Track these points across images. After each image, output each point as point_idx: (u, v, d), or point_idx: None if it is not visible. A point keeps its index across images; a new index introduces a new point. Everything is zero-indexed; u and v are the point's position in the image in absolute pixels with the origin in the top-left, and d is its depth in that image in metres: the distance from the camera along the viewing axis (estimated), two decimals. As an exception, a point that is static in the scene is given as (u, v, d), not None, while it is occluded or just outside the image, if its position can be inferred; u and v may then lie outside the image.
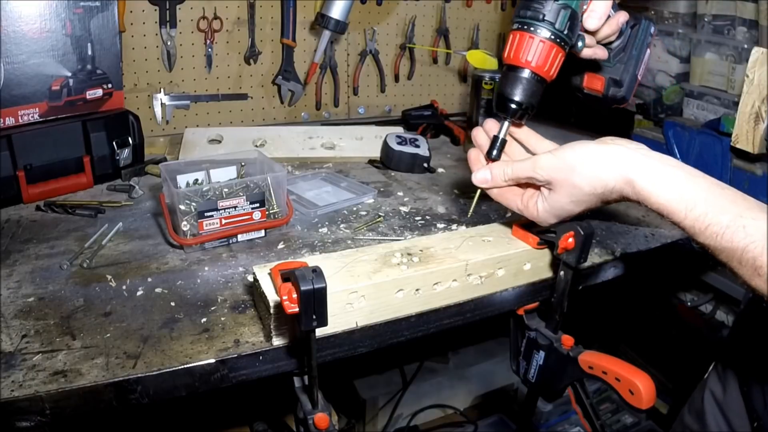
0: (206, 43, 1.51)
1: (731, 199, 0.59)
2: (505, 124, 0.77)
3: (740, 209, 0.57)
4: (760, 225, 0.55)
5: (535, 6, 0.72)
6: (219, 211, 0.90)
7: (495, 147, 0.77)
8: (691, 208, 0.59)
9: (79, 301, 0.76)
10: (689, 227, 0.60)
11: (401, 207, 1.11)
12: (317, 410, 0.65)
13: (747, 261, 0.56)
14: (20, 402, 0.59)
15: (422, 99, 1.83)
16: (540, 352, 0.84)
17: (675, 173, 0.62)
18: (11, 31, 1.07)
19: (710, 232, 0.58)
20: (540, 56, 0.72)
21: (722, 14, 1.34)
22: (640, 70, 0.88)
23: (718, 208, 0.58)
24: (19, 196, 1.07)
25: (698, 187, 0.60)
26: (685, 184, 0.61)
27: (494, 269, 0.80)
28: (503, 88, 0.76)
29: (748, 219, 0.56)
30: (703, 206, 0.58)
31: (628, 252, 0.96)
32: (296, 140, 1.41)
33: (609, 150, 0.66)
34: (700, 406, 0.95)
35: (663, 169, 0.62)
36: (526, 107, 0.75)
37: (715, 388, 0.92)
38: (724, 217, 0.57)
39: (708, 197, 0.59)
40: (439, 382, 1.79)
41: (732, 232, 0.56)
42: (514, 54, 0.74)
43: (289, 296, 0.58)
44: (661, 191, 0.61)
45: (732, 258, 0.57)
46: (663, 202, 0.61)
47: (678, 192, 0.60)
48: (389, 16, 1.72)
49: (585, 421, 1.72)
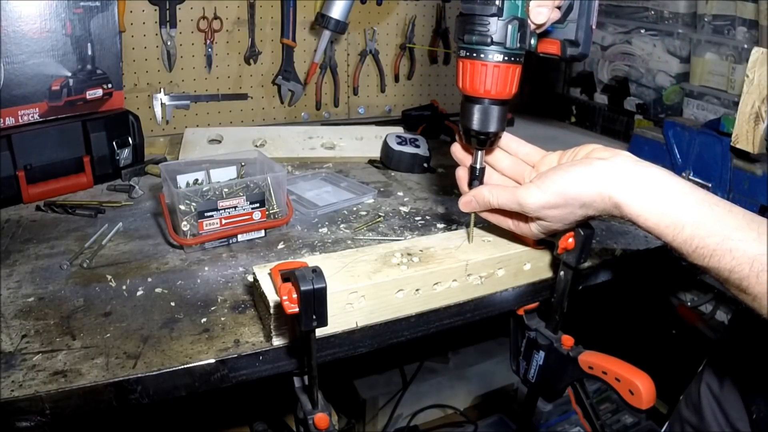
0: (206, 43, 1.51)
1: (719, 218, 0.58)
2: (479, 154, 0.76)
3: (728, 230, 0.57)
4: (746, 248, 0.56)
5: (479, 29, 0.66)
6: (219, 211, 0.90)
7: (475, 177, 0.77)
8: (679, 231, 0.59)
9: (79, 301, 0.76)
10: (677, 249, 0.60)
11: (401, 207, 1.11)
12: (317, 410, 0.65)
13: (733, 281, 0.57)
14: (20, 402, 0.59)
15: (422, 99, 1.83)
16: (540, 352, 0.84)
17: (661, 193, 0.61)
18: (11, 31, 1.07)
19: (697, 255, 0.58)
20: (498, 83, 0.68)
21: (722, 14, 1.35)
22: (593, 21, 0.81)
23: (705, 230, 0.58)
24: (19, 196, 1.07)
25: (685, 207, 0.59)
26: (672, 205, 0.60)
27: (494, 269, 0.80)
28: (468, 122, 0.73)
29: (735, 241, 0.56)
30: (690, 230, 0.58)
31: (628, 252, 0.96)
32: (296, 140, 1.41)
33: (594, 173, 0.64)
34: (697, 399, 0.96)
35: (649, 189, 0.61)
36: (495, 133, 0.73)
37: (712, 382, 0.93)
38: (710, 240, 0.57)
39: (695, 219, 0.59)
40: (439, 382, 1.79)
41: (719, 256, 0.57)
42: (470, 85, 0.70)
43: (289, 296, 0.58)
44: (648, 215, 0.61)
45: (719, 277, 0.58)
46: (651, 225, 0.61)
47: (665, 215, 0.60)
48: (389, 16, 1.72)
49: (585, 421, 1.72)
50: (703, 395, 0.94)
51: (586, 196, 0.64)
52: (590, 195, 0.64)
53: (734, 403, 0.88)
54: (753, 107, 1.01)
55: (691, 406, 0.98)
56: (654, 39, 1.52)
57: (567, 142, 1.64)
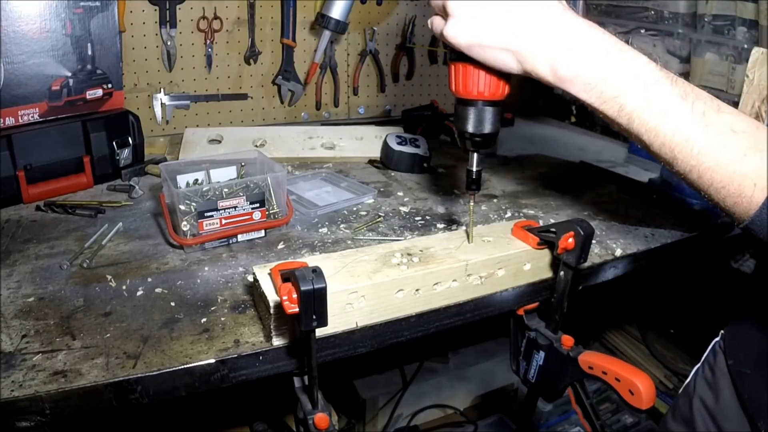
0: (206, 43, 1.51)
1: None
2: (474, 156, 0.76)
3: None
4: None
5: None
6: (219, 211, 0.90)
7: (472, 180, 0.77)
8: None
9: (79, 301, 0.76)
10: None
11: (401, 207, 1.11)
12: (317, 410, 0.65)
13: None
14: (20, 402, 0.59)
15: (422, 99, 1.83)
16: (540, 352, 0.84)
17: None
18: (11, 31, 1.07)
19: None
20: (490, 84, 0.69)
21: (722, 14, 1.35)
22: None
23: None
24: (19, 196, 1.07)
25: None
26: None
27: (494, 269, 0.80)
28: (463, 124, 0.73)
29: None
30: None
31: (628, 252, 0.96)
32: (296, 140, 1.41)
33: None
34: (687, 414, 0.92)
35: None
36: (491, 134, 0.73)
37: (705, 396, 0.90)
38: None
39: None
40: (439, 382, 1.79)
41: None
42: (463, 88, 0.70)
43: (289, 296, 0.58)
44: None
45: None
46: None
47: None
48: (389, 16, 1.72)
49: (585, 421, 1.72)
50: (695, 410, 0.90)
51: None
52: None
53: (733, 419, 0.84)
54: (753, 107, 1.01)
55: (680, 420, 0.94)
56: (654, 39, 1.52)
57: (567, 142, 1.64)
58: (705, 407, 0.89)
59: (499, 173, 1.32)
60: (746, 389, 0.82)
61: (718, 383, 0.88)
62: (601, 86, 0.62)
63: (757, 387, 0.79)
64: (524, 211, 1.10)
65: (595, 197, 1.19)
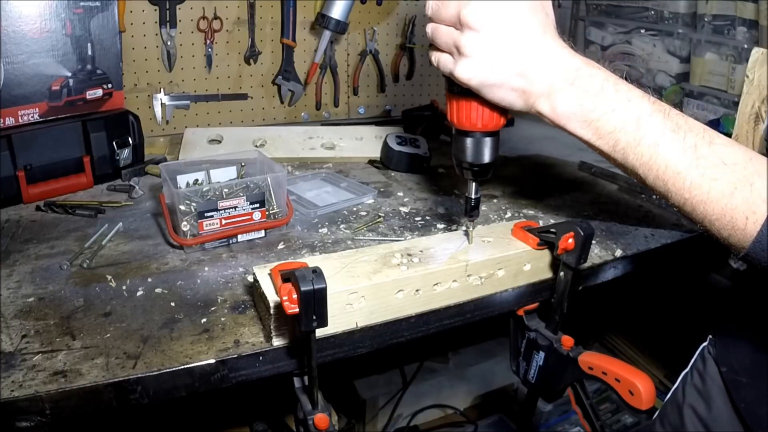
0: (206, 43, 1.51)
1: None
2: (473, 185, 0.77)
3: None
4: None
5: None
6: (219, 211, 0.90)
7: (472, 207, 0.78)
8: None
9: (79, 301, 0.76)
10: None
11: (401, 207, 1.11)
12: (317, 410, 0.65)
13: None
14: (20, 402, 0.59)
15: (422, 99, 1.83)
16: (540, 352, 0.84)
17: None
18: (11, 31, 1.07)
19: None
20: (492, 117, 0.70)
21: (722, 14, 1.35)
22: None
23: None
24: (19, 196, 1.07)
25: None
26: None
27: (494, 270, 0.80)
28: (462, 154, 0.73)
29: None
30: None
31: (628, 252, 0.96)
32: (296, 140, 1.41)
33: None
34: (678, 422, 0.91)
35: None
36: (489, 164, 0.74)
37: (697, 404, 0.89)
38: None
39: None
40: (439, 382, 1.79)
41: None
42: (464, 120, 0.71)
43: (289, 297, 0.58)
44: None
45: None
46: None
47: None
48: (389, 16, 1.72)
49: (585, 422, 1.72)
50: (687, 419, 0.89)
51: None
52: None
53: (726, 426, 0.83)
54: (753, 107, 1.01)
55: (670, 428, 0.93)
56: (654, 39, 1.52)
57: (567, 142, 1.64)
58: (697, 416, 0.88)
59: (499, 173, 1.32)
60: (742, 399, 0.81)
61: (709, 391, 0.87)
62: (596, 123, 0.63)
63: (755, 398, 0.78)
64: (524, 211, 1.10)
65: (595, 197, 1.19)
